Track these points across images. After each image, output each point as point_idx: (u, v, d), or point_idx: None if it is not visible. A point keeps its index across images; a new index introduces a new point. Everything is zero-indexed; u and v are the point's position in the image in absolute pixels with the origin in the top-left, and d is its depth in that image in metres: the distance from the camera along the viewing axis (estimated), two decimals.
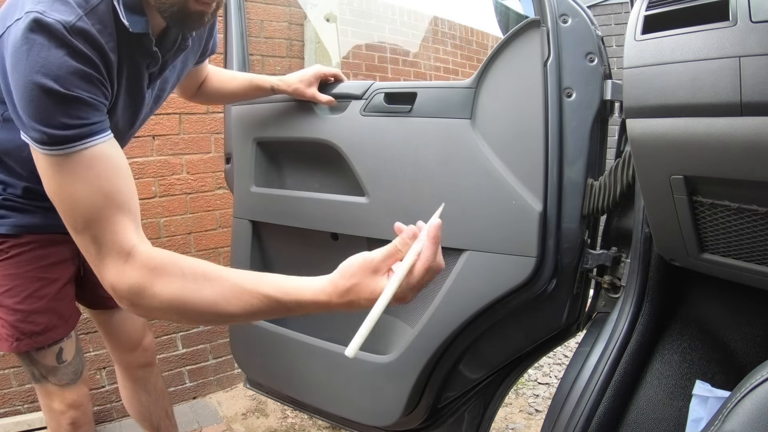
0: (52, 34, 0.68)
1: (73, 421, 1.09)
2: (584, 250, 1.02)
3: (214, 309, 0.71)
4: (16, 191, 0.98)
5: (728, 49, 0.63)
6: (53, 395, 1.08)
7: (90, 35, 0.72)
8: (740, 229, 0.72)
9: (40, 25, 0.68)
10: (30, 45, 0.68)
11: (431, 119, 1.08)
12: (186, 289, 0.70)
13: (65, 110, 0.70)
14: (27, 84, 0.68)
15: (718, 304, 0.97)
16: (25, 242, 1.01)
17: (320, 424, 1.88)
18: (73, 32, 0.70)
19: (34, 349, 1.04)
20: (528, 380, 2.16)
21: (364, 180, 1.16)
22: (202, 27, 0.86)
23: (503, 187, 1.00)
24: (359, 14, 2.85)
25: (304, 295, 0.72)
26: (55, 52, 0.69)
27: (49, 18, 0.68)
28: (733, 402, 0.52)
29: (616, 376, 0.94)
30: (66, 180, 0.72)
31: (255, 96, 1.28)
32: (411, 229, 0.74)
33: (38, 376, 1.07)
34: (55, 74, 0.68)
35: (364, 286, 0.72)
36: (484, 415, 1.22)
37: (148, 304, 0.71)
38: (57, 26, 0.69)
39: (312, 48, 2.20)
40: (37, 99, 0.68)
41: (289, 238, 1.37)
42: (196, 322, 0.79)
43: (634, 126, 0.75)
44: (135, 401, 1.37)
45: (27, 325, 1.01)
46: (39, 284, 1.02)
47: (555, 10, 0.95)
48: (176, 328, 1.99)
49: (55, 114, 0.69)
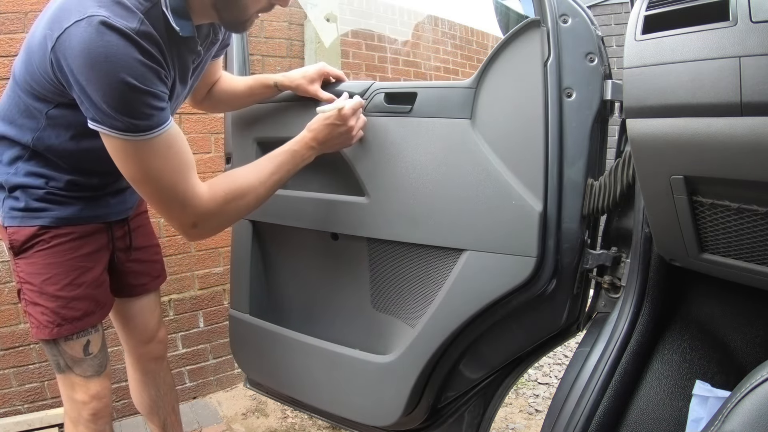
0: (124, 36, 0.79)
1: (94, 412, 1.11)
2: (584, 250, 1.02)
3: (249, 183, 1.00)
4: (58, 184, 1.03)
5: (728, 49, 0.63)
6: (76, 386, 1.10)
7: (153, 37, 0.84)
8: (740, 229, 0.72)
9: (111, 28, 0.78)
10: (106, 46, 0.78)
11: (431, 119, 1.08)
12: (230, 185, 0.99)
13: (146, 102, 0.84)
14: (112, 82, 0.79)
15: (718, 304, 0.97)
16: (65, 233, 1.05)
17: (320, 424, 1.88)
18: (140, 35, 0.81)
19: (63, 339, 1.07)
20: (528, 380, 2.16)
21: (364, 180, 1.16)
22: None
23: (503, 187, 1.00)
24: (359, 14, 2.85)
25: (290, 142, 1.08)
26: (130, 52, 0.80)
27: (117, 24, 0.79)
28: (733, 402, 0.53)
29: (616, 376, 0.94)
30: (151, 159, 0.88)
31: (261, 94, 1.29)
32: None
33: (63, 366, 1.09)
34: (135, 73, 0.81)
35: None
36: (484, 415, 1.22)
37: (221, 215, 0.98)
38: (126, 31, 0.79)
39: (312, 48, 2.21)
40: (123, 94, 0.81)
41: (289, 238, 1.37)
42: (251, 205, 1.04)
43: (634, 126, 0.75)
44: (144, 395, 1.38)
45: (68, 311, 1.05)
46: (78, 272, 1.06)
47: (555, 10, 0.95)
48: (176, 327, 1.99)
49: (139, 106, 0.83)
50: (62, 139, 0.98)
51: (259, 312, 1.40)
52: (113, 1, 0.81)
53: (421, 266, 1.15)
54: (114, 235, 1.17)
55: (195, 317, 2.04)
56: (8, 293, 1.64)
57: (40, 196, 1.02)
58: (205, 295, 2.05)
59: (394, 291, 1.23)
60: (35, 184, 1.01)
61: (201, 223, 0.96)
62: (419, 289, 1.17)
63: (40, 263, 1.04)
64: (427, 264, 1.14)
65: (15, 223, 1.03)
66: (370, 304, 1.28)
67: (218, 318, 2.09)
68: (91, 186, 1.07)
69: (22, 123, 0.99)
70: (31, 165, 1.01)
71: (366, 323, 1.29)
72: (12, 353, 1.68)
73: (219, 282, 2.07)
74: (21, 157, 1.01)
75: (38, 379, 1.74)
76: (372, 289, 1.27)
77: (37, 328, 1.06)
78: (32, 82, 0.92)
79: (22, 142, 1.00)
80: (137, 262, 1.25)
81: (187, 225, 0.96)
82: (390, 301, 1.25)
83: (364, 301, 1.29)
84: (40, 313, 1.05)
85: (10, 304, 1.65)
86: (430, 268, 1.13)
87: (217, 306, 2.08)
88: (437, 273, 1.11)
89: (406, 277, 1.19)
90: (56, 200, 1.04)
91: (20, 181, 1.01)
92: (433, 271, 1.12)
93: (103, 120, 0.84)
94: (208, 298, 2.06)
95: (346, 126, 1.09)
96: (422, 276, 1.16)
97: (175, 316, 1.99)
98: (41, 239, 1.03)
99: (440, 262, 1.10)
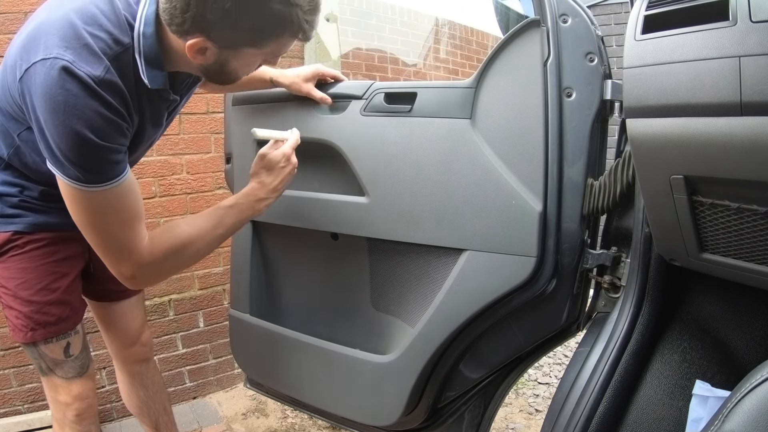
0: (84, 85, 0.76)
1: (78, 413, 1.11)
2: (584, 250, 1.02)
3: (190, 238, 0.98)
4: (33, 194, 1.03)
5: (728, 49, 0.63)
6: (59, 388, 1.10)
7: (117, 87, 0.81)
8: (740, 228, 0.72)
9: (72, 76, 0.76)
10: (65, 95, 0.76)
11: (431, 119, 1.08)
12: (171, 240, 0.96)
13: (101, 157, 0.82)
14: (67, 132, 0.77)
15: (718, 304, 0.97)
16: (39, 238, 1.05)
17: (320, 424, 1.88)
18: (101, 85, 0.78)
19: (43, 342, 1.06)
20: (528, 380, 2.16)
21: (364, 180, 1.16)
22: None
23: (503, 186, 1.00)
24: (359, 14, 2.84)
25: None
26: (89, 103, 0.77)
27: (79, 71, 0.76)
28: (733, 402, 0.52)
29: (616, 376, 0.93)
30: (99, 210, 0.87)
31: (255, 86, 1.29)
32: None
33: (45, 369, 1.09)
34: (92, 126, 0.78)
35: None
36: (484, 415, 1.22)
37: (158, 269, 0.97)
38: (87, 80, 0.76)
39: (312, 48, 2.20)
40: (78, 146, 0.79)
41: (289, 238, 1.37)
42: (190, 259, 1.02)
43: (634, 126, 0.75)
44: (133, 396, 1.39)
45: (41, 316, 1.05)
46: (52, 277, 1.06)
47: (555, 10, 0.95)
48: (176, 328, 1.99)
49: (93, 160, 0.81)
50: (35, 160, 0.97)
51: (259, 312, 1.40)
52: (80, 43, 0.78)
53: (421, 266, 1.15)
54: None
55: (195, 317, 2.04)
56: None
57: (14, 203, 1.02)
58: (205, 295, 2.05)
59: (394, 291, 1.23)
60: (10, 192, 1.01)
61: (139, 275, 0.95)
62: (419, 289, 1.17)
63: (14, 268, 1.03)
64: (427, 264, 1.14)
65: None
66: (370, 304, 1.28)
67: (218, 318, 2.08)
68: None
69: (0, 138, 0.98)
70: (6, 175, 1.01)
71: (366, 323, 1.29)
72: (12, 353, 1.68)
73: (219, 282, 2.07)
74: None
75: (38, 379, 1.73)
76: (372, 289, 1.27)
77: (13, 331, 1.07)
78: (6, 103, 0.90)
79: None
80: None
81: (125, 275, 0.94)
82: (390, 300, 1.25)
83: (364, 301, 1.29)
84: (15, 317, 1.05)
85: None
86: (430, 268, 1.13)
87: (217, 306, 2.08)
88: (437, 273, 1.11)
89: (406, 277, 1.19)
90: (30, 207, 1.03)
91: None
92: (433, 271, 1.12)
93: (55, 163, 0.83)
94: (208, 298, 2.06)
95: (290, 165, 1.10)
96: (422, 276, 1.15)
97: (175, 316, 1.99)
98: (15, 244, 1.03)
99: (440, 262, 1.10)
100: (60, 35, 0.78)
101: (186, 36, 0.81)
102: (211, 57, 0.84)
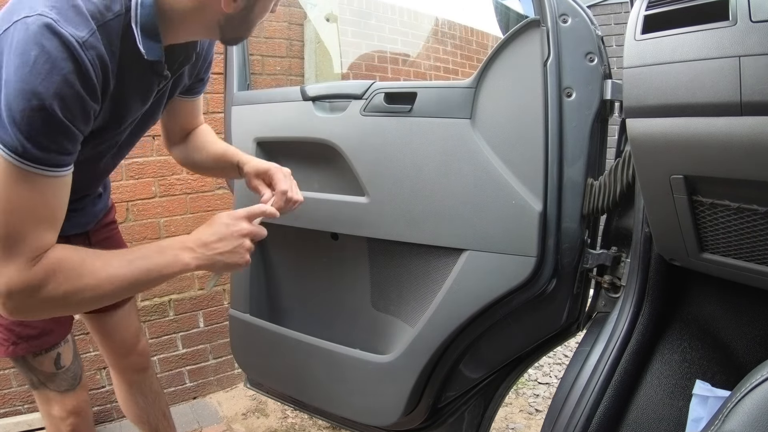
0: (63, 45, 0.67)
1: (73, 428, 1.09)
2: (584, 249, 1.02)
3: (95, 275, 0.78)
4: None
5: (728, 48, 0.63)
6: (53, 401, 1.07)
7: (99, 52, 0.72)
8: (740, 228, 0.72)
9: (53, 32, 0.67)
10: (39, 50, 0.66)
11: (431, 119, 1.08)
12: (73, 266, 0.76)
13: (53, 133, 0.69)
14: (26, 91, 0.66)
15: (718, 304, 0.97)
16: None
17: (320, 424, 1.88)
18: (83, 47, 0.69)
19: (32, 356, 1.03)
20: (528, 380, 2.16)
21: (364, 180, 1.16)
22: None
23: (503, 186, 1.00)
24: (359, 14, 2.84)
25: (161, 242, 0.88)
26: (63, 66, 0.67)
27: (62, 29, 0.67)
28: (733, 402, 0.52)
29: (616, 376, 0.94)
30: (14, 190, 0.70)
31: (224, 170, 1.18)
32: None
33: (37, 382, 1.06)
34: (57, 93, 0.67)
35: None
36: (484, 415, 1.22)
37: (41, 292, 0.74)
38: (69, 39, 0.67)
39: (312, 48, 2.20)
40: (31, 110, 0.66)
41: (289, 238, 1.37)
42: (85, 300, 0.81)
43: (634, 126, 0.75)
44: (132, 404, 1.37)
45: (23, 329, 1.01)
46: None
47: (555, 10, 0.95)
48: (176, 328, 1.99)
49: (44, 134, 0.68)
50: None
51: (259, 312, 1.40)
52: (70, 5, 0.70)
53: (421, 266, 1.15)
54: None
55: (195, 317, 2.04)
56: None
57: None
58: (205, 295, 2.05)
59: (394, 291, 1.23)
60: None
61: (15, 293, 0.73)
62: (419, 289, 1.17)
63: None
64: (427, 264, 1.14)
65: None
66: (370, 303, 1.28)
67: (218, 318, 2.08)
68: None
69: None
70: None
71: (366, 323, 1.29)
72: None
73: (219, 282, 2.07)
74: None
75: None
76: (372, 288, 1.27)
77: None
78: None
79: None
80: None
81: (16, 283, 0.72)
82: (390, 300, 1.25)
83: (364, 301, 1.29)
84: None
85: None
86: (430, 268, 1.13)
87: (217, 306, 2.08)
88: (437, 273, 1.11)
89: (406, 277, 1.19)
90: None
91: None
92: (433, 271, 1.12)
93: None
94: (208, 298, 2.06)
95: (240, 233, 0.90)
96: (422, 276, 1.16)
97: (175, 316, 1.99)
98: None
99: (440, 262, 1.10)
100: None
101: None
102: (242, 2, 0.82)
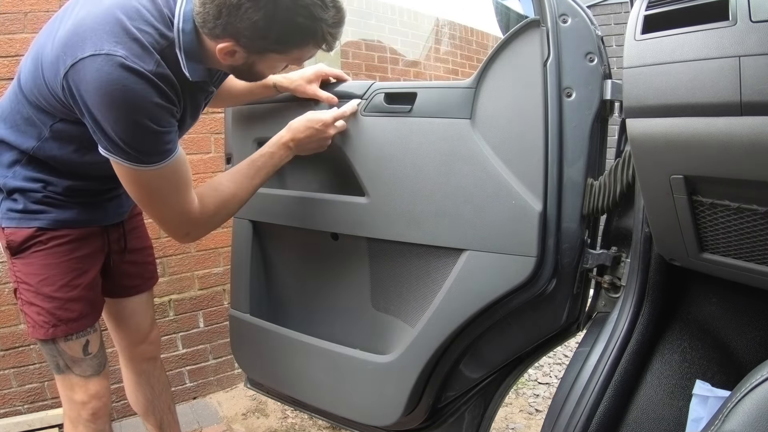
0: (143, 78, 0.82)
1: (94, 412, 1.12)
2: (584, 249, 1.02)
3: (233, 192, 1.08)
4: (56, 189, 1.04)
5: (728, 48, 0.63)
6: (75, 386, 1.10)
7: (168, 78, 0.87)
8: (740, 228, 0.72)
9: (129, 70, 0.81)
10: (123, 90, 0.81)
11: (431, 119, 1.08)
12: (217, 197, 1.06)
13: (158, 140, 0.90)
14: (129, 123, 0.85)
15: (719, 304, 0.97)
16: (62, 234, 1.06)
17: (320, 424, 1.88)
18: (157, 77, 0.84)
19: (63, 339, 1.07)
20: (528, 380, 2.16)
21: (364, 180, 1.16)
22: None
23: (503, 186, 1.00)
24: (359, 14, 2.85)
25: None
26: (149, 95, 0.84)
27: (134, 65, 0.81)
28: (733, 402, 0.53)
29: (616, 376, 0.93)
30: (157, 185, 0.95)
31: (260, 94, 1.29)
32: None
33: (63, 366, 1.09)
34: (151, 115, 0.86)
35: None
36: (484, 415, 1.22)
37: (209, 224, 1.07)
38: (144, 72, 0.82)
39: None
40: (137, 134, 0.86)
41: (289, 238, 1.37)
42: (234, 210, 1.14)
43: (634, 126, 0.75)
44: (140, 395, 1.38)
45: (64, 312, 1.06)
46: (74, 274, 1.07)
47: (555, 10, 0.95)
48: (176, 328, 1.99)
49: (152, 143, 0.89)
50: (65, 152, 1.00)
51: (259, 312, 1.40)
52: (130, 38, 0.82)
53: (421, 266, 1.15)
54: (110, 237, 1.17)
55: (195, 317, 2.04)
56: (8, 294, 1.63)
57: (38, 198, 1.03)
58: (205, 295, 2.05)
59: (394, 291, 1.23)
60: (33, 188, 1.02)
61: (193, 231, 1.06)
62: (419, 289, 1.17)
63: (37, 264, 1.04)
64: (427, 264, 1.14)
65: (13, 224, 1.03)
66: (370, 303, 1.28)
67: (218, 318, 2.09)
68: (89, 192, 1.08)
69: (25, 130, 0.99)
70: (29, 170, 1.02)
71: (366, 323, 1.29)
72: (12, 354, 1.68)
73: (219, 282, 2.07)
74: (19, 161, 1.02)
75: (38, 380, 1.73)
76: (372, 288, 1.27)
77: (33, 327, 1.07)
78: (39, 95, 0.92)
79: (21, 148, 1.00)
80: (131, 264, 1.26)
81: (181, 234, 1.06)
82: (390, 300, 1.25)
83: (364, 301, 1.29)
84: (36, 314, 1.05)
85: (10, 305, 1.64)
86: (430, 268, 1.13)
87: (217, 306, 2.09)
88: (437, 273, 1.11)
89: (406, 277, 1.19)
90: (54, 203, 1.04)
91: (18, 185, 1.02)
92: (433, 271, 1.12)
93: (114, 150, 0.88)
94: (208, 298, 2.06)
95: (325, 133, 1.13)
96: (422, 276, 1.16)
97: (175, 316, 1.99)
98: (38, 240, 1.04)
99: (440, 262, 1.10)
100: (107, 31, 0.81)
101: (217, 39, 0.88)
102: (239, 59, 0.91)
